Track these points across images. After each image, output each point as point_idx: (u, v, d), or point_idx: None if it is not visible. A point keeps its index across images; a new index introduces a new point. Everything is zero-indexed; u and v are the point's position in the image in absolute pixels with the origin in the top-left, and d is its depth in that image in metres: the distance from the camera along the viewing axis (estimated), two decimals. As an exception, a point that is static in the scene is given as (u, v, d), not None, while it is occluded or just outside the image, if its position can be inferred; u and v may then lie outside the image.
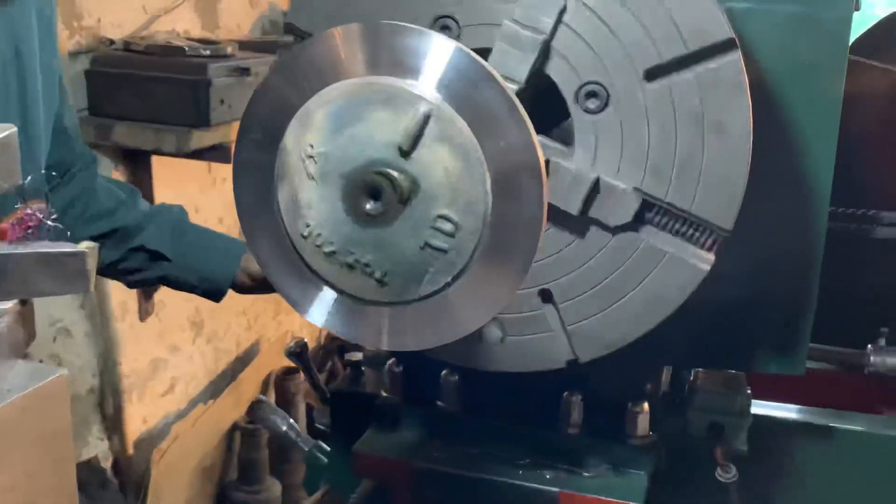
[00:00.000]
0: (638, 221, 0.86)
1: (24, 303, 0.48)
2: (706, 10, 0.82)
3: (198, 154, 2.25)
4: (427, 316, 0.72)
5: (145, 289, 2.51)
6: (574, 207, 0.85)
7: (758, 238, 1.01)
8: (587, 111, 0.86)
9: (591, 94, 0.86)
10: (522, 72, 0.83)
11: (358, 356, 1.34)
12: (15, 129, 0.47)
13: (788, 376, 1.38)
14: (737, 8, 0.97)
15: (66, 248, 0.47)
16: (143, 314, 2.55)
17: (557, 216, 0.86)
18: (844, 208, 1.27)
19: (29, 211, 0.45)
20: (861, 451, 1.24)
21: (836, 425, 1.24)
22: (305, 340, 1.48)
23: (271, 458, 2.85)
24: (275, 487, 2.82)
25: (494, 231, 0.69)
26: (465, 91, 0.67)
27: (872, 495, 1.23)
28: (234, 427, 2.96)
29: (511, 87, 0.72)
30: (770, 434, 1.24)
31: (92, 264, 0.47)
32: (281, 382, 3.04)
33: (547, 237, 0.86)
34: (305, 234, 0.72)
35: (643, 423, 1.08)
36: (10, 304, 0.47)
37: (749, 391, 1.16)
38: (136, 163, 2.41)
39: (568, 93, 0.86)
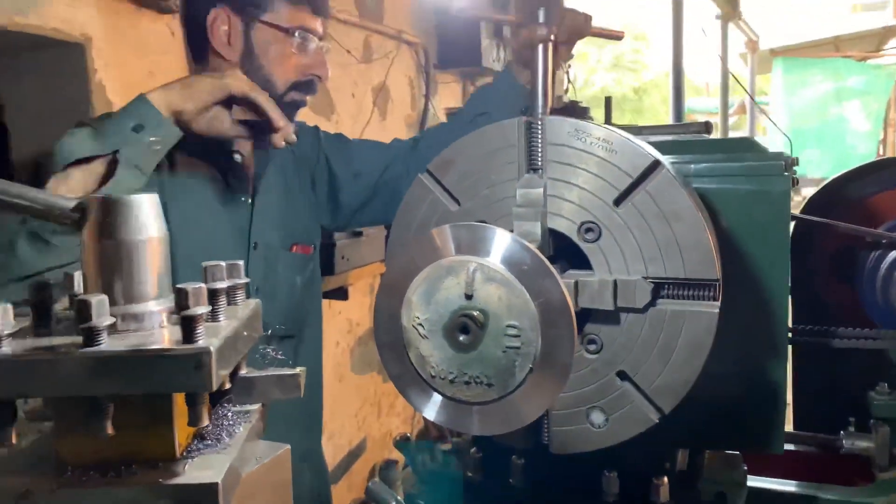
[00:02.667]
0: (656, 297, 0.93)
1: (263, 405, 0.65)
2: (636, 152, 0.93)
3: (324, 295, 2.43)
4: (503, 410, 0.83)
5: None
6: (609, 304, 0.93)
7: (738, 351, 1.07)
8: (589, 241, 0.96)
9: (588, 230, 0.96)
10: (537, 233, 0.95)
11: (448, 446, 1.41)
12: (258, 301, 0.65)
13: (780, 457, 1.44)
14: (705, 188, 1.08)
15: (288, 371, 0.65)
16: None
17: (605, 317, 0.95)
18: (811, 325, 1.34)
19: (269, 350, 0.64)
20: (840, 517, 1.25)
21: (819, 495, 1.26)
22: (409, 434, 1.58)
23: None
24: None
25: (545, 343, 0.79)
26: (516, 261, 0.81)
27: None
28: (350, 506, 3.01)
29: (535, 247, 0.83)
30: (765, 503, 1.27)
31: (303, 379, 0.65)
32: (384, 472, 3.10)
33: (608, 333, 0.95)
34: (433, 374, 0.84)
35: (664, 493, 1.11)
36: (256, 407, 0.65)
37: (745, 467, 1.20)
38: None
39: (572, 234, 0.96)
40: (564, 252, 1.00)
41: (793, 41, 10.80)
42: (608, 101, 2.64)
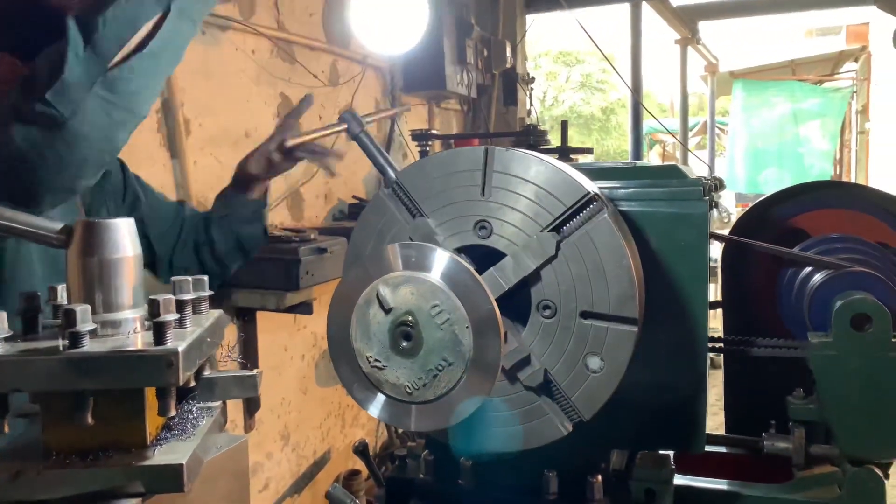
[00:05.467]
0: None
1: (223, 402, 0.74)
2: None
3: (289, 309, 2.50)
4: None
5: (249, 409, 2.74)
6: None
7: (661, 359, 1.16)
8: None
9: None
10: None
11: (404, 451, 1.43)
12: (221, 311, 0.75)
13: (709, 458, 1.54)
14: (633, 211, 1.16)
15: (247, 372, 0.74)
16: (247, 428, 2.75)
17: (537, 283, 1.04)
18: (733, 336, 1.44)
19: (227, 353, 0.73)
20: (761, 513, 1.33)
21: (742, 492, 1.35)
22: (367, 441, 1.65)
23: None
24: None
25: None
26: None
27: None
28: (313, 515, 3.05)
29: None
30: (694, 500, 1.35)
31: (259, 380, 0.74)
32: (347, 482, 3.15)
33: (555, 292, 1.03)
34: (410, 392, 0.92)
35: (598, 490, 1.18)
36: (217, 403, 0.74)
37: (673, 466, 1.26)
38: (247, 316, 2.66)
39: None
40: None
41: (751, 64, 11.16)
42: (564, 125, 2.79)
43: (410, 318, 0.91)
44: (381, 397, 0.95)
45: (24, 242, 1.28)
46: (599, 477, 1.20)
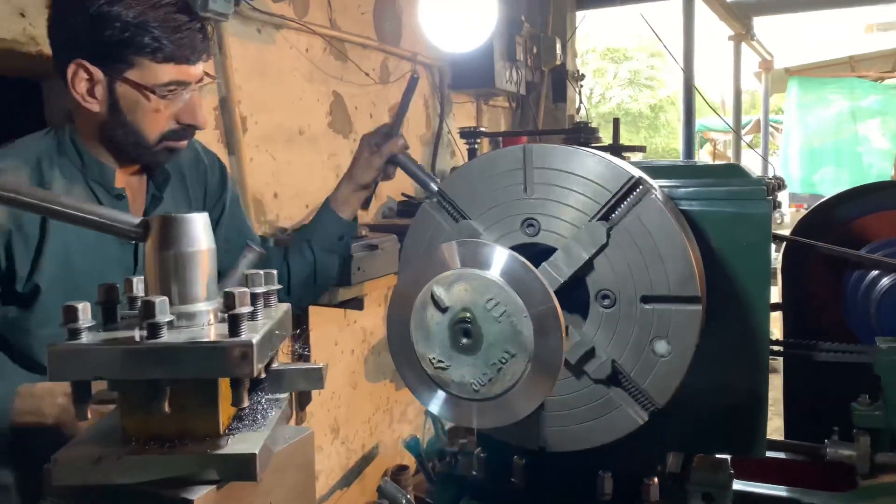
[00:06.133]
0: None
1: (290, 394, 0.76)
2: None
3: (341, 304, 2.53)
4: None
5: (300, 402, 2.77)
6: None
7: (721, 361, 1.14)
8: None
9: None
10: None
11: (455, 448, 1.43)
12: (289, 305, 0.76)
13: (769, 464, 1.50)
14: (693, 210, 1.14)
15: (314, 365, 0.76)
16: (298, 421, 2.80)
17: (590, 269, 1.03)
18: (795, 339, 1.40)
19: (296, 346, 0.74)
20: (824, 521, 1.29)
21: (803, 499, 1.31)
22: (418, 437, 1.67)
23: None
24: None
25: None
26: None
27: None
28: (363, 508, 3.07)
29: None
30: None
31: (325, 373, 0.75)
32: (395, 476, 3.16)
33: (613, 281, 1.02)
34: (477, 389, 0.92)
35: (654, 493, 1.18)
36: (285, 395, 0.75)
37: (732, 471, 1.26)
38: (300, 310, 2.68)
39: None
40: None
41: (807, 61, 10.83)
42: (616, 122, 2.75)
43: (468, 315, 0.91)
44: (442, 395, 0.95)
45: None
46: (655, 479, 1.19)
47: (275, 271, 0.72)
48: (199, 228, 0.68)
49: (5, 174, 1.25)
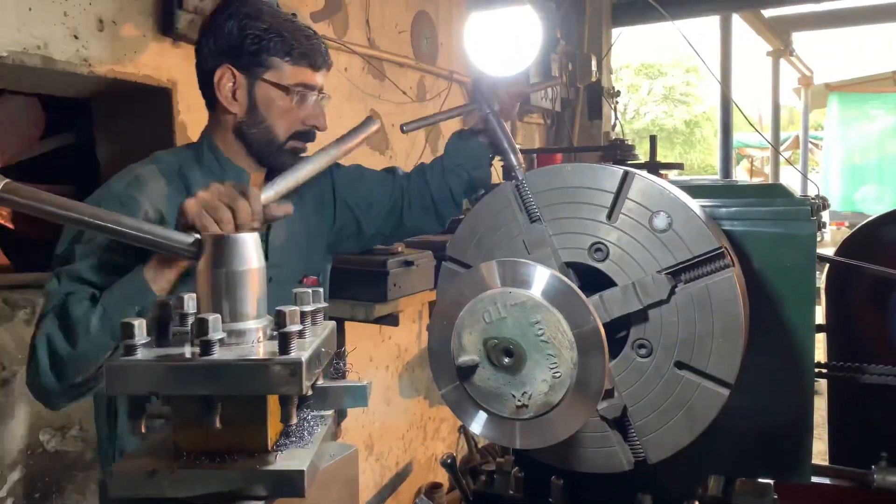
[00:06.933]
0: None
1: (335, 411, 0.77)
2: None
3: (377, 320, 2.53)
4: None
5: (336, 418, 2.78)
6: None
7: (764, 383, 1.13)
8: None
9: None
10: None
11: (492, 466, 1.43)
12: (334, 323, 0.78)
13: (813, 491, 1.46)
14: (735, 231, 1.14)
15: (358, 382, 0.77)
16: (334, 438, 2.80)
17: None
18: (841, 362, 1.38)
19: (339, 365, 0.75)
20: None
21: None
22: (455, 454, 1.65)
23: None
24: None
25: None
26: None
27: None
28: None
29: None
30: None
31: (370, 391, 0.76)
32: (429, 494, 3.15)
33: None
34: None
35: None
36: (330, 412, 0.76)
37: (776, 496, 1.23)
38: (336, 326, 2.70)
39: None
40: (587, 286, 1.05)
41: (848, 76, 10.62)
42: (653, 139, 2.72)
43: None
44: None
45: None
46: (696, 503, 1.18)
47: (321, 289, 0.74)
48: (250, 248, 0.69)
49: (143, 181, 1.40)
